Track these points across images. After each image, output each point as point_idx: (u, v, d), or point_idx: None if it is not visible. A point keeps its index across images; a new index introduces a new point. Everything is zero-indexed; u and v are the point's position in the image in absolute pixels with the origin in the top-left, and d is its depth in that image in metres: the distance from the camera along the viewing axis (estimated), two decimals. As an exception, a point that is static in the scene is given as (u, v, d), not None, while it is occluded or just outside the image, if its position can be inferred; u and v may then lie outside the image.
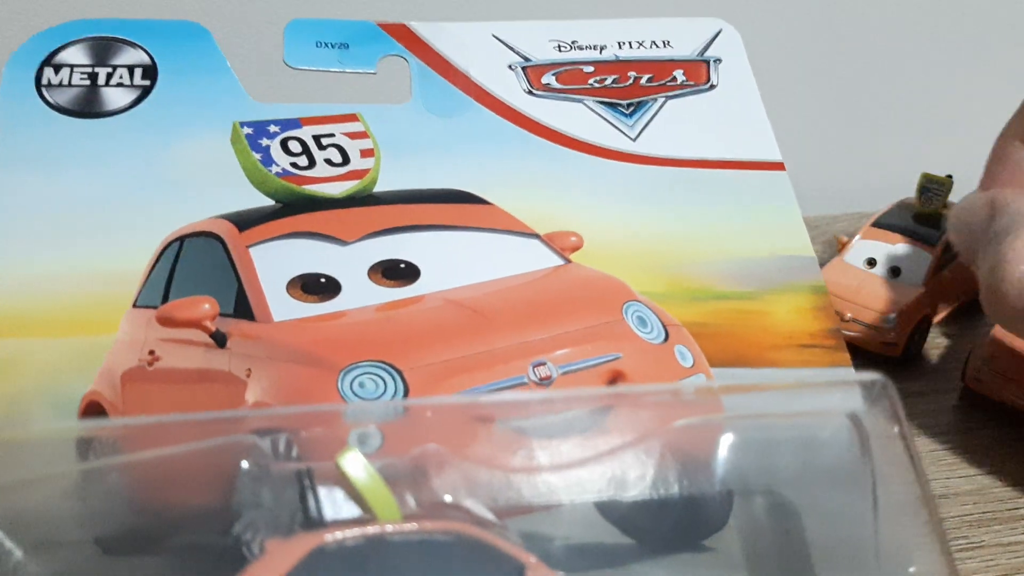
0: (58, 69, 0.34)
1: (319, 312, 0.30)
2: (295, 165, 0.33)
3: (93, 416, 0.29)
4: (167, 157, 0.33)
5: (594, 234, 0.33)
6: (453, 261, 0.32)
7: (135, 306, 0.30)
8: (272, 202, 0.33)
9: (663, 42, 0.39)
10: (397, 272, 0.31)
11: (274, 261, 0.31)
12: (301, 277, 0.30)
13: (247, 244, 0.31)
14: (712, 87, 0.38)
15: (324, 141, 0.34)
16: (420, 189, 0.33)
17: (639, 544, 0.25)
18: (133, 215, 0.32)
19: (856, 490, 0.24)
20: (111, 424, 0.26)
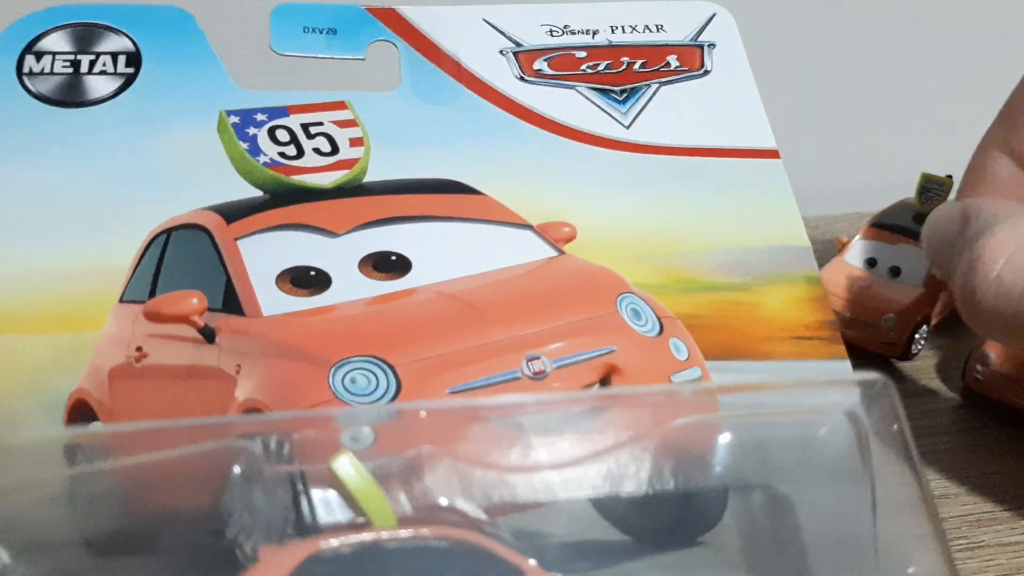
0: (39, 57, 0.34)
1: (309, 306, 0.29)
2: (283, 155, 0.33)
3: (80, 414, 0.28)
4: (152, 147, 0.32)
5: (587, 224, 0.33)
6: (445, 253, 0.31)
7: (121, 301, 0.30)
8: (260, 193, 0.32)
9: (656, 26, 0.38)
10: (388, 264, 0.31)
11: (263, 254, 0.30)
12: (290, 270, 0.30)
13: (235, 236, 0.30)
14: (706, 73, 0.37)
15: (312, 130, 0.33)
16: (411, 179, 0.33)
17: (635, 542, 0.25)
18: (117, 207, 0.31)
19: (855, 489, 0.24)
20: (102, 431, 0.25)
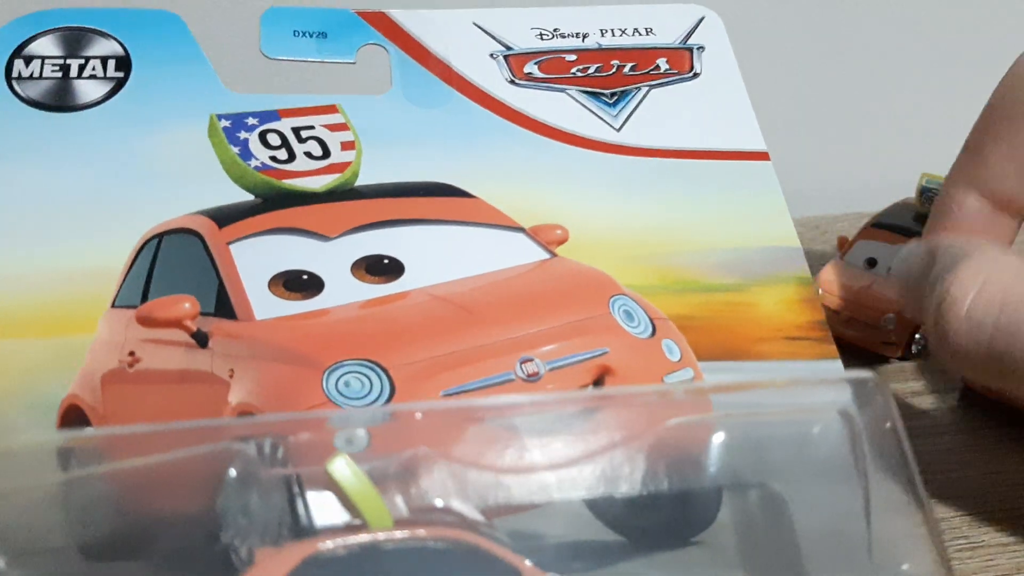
0: (29, 61, 0.33)
1: (302, 310, 0.29)
2: (274, 159, 0.33)
3: (73, 420, 0.28)
4: (143, 151, 0.32)
5: (579, 226, 0.33)
6: (437, 256, 0.31)
7: (113, 306, 0.30)
8: (252, 197, 0.32)
9: (646, 29, 0.38)
10: (381, 268, 0.31)
11: (255, 258, 0.30)
12: (283, 274, 0.30)
13: (227, 241, 0.30)
14: (695, 75, 0.37)
15: (304, 134, 0.33)
16: (403, 182, 0.33)
17: (630, 542, 0.25)
18: (108, 211, 0.31)
19: (848, 487, 0.24)
20: (96, 434, 0.25)
